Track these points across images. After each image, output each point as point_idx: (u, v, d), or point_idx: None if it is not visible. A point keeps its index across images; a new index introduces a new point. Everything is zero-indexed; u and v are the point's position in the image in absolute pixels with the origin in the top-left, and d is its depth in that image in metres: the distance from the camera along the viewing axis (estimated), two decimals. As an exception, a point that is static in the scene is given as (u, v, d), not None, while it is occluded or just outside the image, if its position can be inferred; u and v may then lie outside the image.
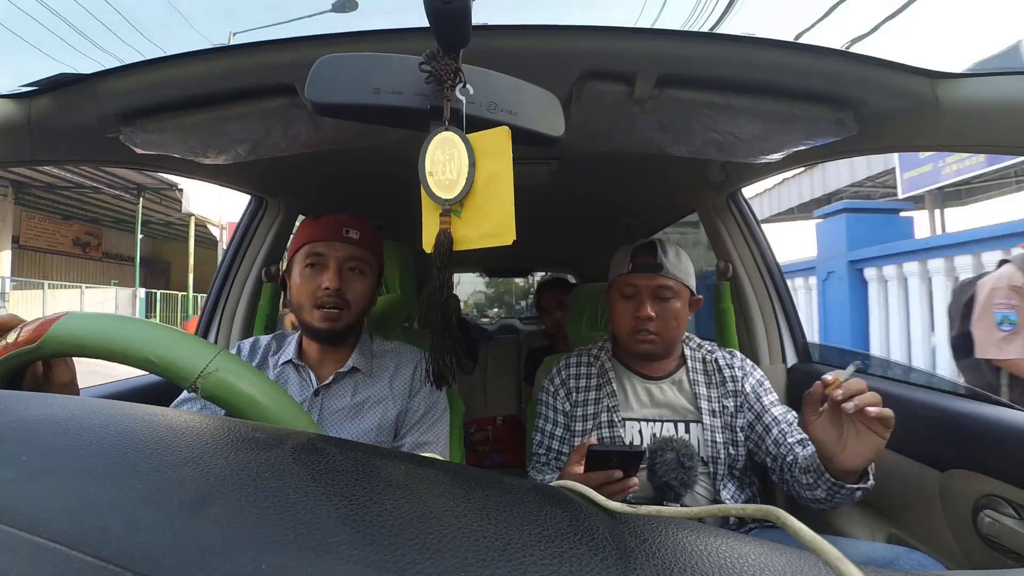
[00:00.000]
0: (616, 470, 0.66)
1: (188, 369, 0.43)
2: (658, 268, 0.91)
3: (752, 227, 1.28)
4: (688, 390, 0.94)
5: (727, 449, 0.89)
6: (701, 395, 0.92)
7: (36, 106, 0.66)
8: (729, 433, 0.90)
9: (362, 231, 0.85)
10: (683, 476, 0.79)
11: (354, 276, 0.84)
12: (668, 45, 0.61)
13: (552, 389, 1.01)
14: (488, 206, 0.39)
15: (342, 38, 0.58)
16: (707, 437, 0.88)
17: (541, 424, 1.00)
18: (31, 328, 0.44)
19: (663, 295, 0.92)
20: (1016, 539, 0.64)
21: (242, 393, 0.43)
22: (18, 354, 0.44)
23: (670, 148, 0.81)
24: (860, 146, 0.82)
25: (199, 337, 0.46)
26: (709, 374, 0.95)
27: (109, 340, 0.44)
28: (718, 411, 0.91)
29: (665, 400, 0.93)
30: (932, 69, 0.62)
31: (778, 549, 0.24)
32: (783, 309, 1.24)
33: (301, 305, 0.83)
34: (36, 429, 0.26)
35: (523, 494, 0.27)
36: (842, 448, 0.65)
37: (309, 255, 0.83)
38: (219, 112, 0.69)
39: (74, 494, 0.21)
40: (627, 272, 0.94)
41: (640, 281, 0.92)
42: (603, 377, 0.97)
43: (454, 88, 0.39)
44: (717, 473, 0.87)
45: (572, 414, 0.97)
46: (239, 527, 0.20)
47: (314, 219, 0.86)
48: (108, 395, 1.02)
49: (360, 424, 0.83)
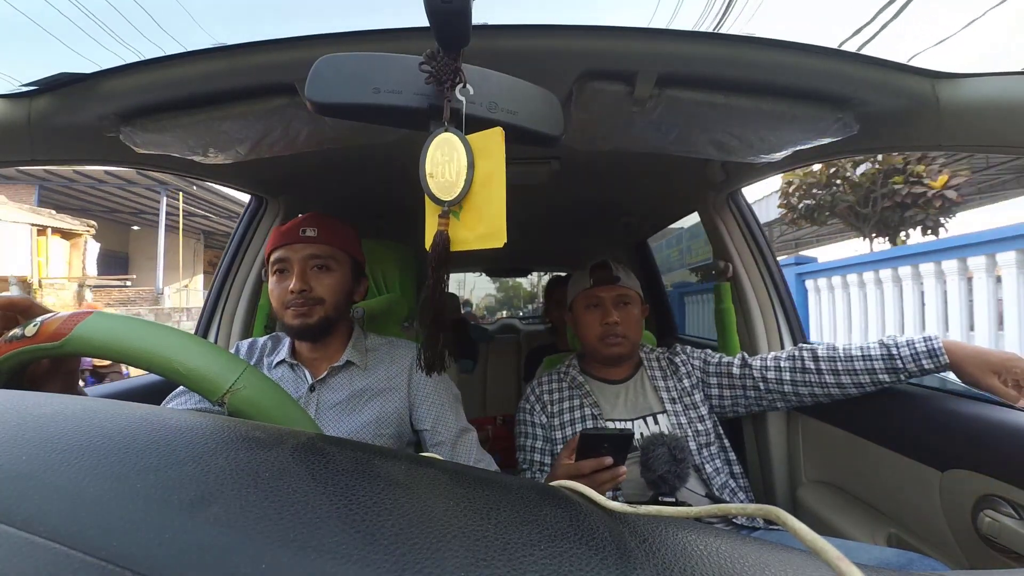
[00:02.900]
0: (607, 456, 0.71)
1: (217, 383, 0.42)
2: (616, 280, 1.06)
3: (752, 227, 1.28)
4: (649, 386, 1.05)
5: (694, 426, 1.00)
6: (660, 387, 1.04)
7: (36, 106, 0.66)
8: (693, 412, 1.01)
9: (321, 227, 0.85)
10: (676, 469, 0.83)
11: (320, 274, 0.84)
12: (668, 45, 0.61)
13: (528, 407, 1.10)
14: (484, 207, 0.39)
15: (342, 38, 0.58)
16: (673, 422, 0.99)
17: (522, 441, 1.08)
18: (55, 324, 0.43)
19: (624, 301, 1.06)
20: (1016, 539, 0.64)
21: (267, 413, 0.43)
22: (37, 349, 0.43)
23: (670, 148, 0.81)
24: (860, 146, 0.82)
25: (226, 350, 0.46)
26: (663, 369, 1.08)
27: (136, 345, 0.43)
28: (676, 397, 1.03)
29: (633, 399, 1.04)
30: (932, 69, 0.63)
31: (778, 549, 0.24)
32: (783, 309, 1.24)
33: (277, 310, 0.85)
34: (36, 428, 0.26)
35: (523, 494, 0.27)
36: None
37: (275, 262, 0.84)
38: (219, 112, 0.69)
39: (74, 493, 0.21)
40: (590, 287, 1.07)
41: (603, 292, 1.06)
42: (578, 388, 1.06)
43: (454, 88, 0.39)
44: (691, 449, 0.95)
45: (550, 424, 1.05)
46: (239, 527, 0.20)
47: (278, 227, 0.87)
48: (108, 395, 1.02)
49: (358, 417, 0.82)
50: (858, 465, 0.94)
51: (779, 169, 1.05)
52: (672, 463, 0.82)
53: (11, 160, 0.72)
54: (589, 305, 1.07)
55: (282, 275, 0.83)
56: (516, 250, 2.48)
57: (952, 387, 0.86)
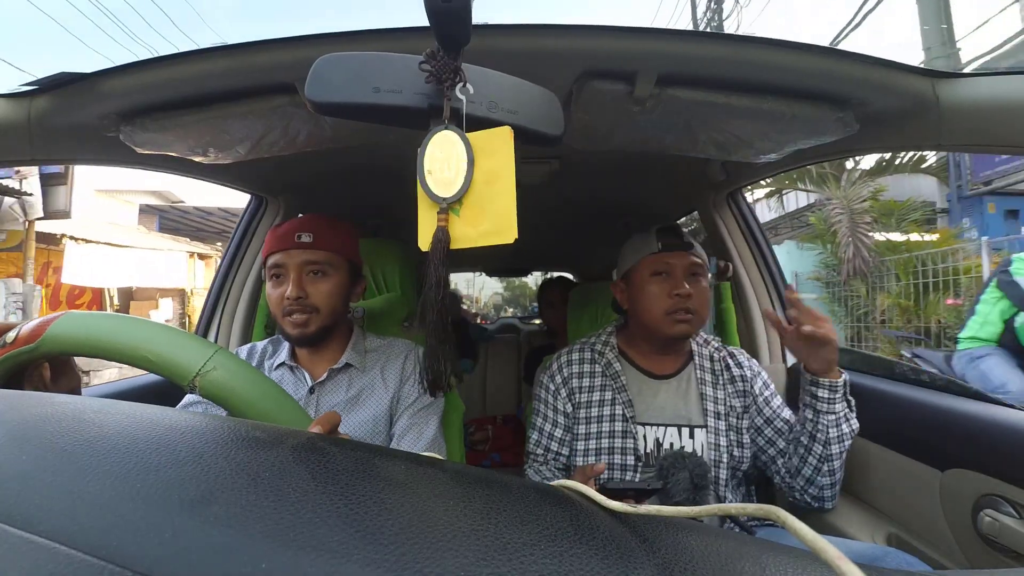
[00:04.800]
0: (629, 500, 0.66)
1: (186, 367, 0.42)
2: (689, 246, 0.90)
3: (752, 226, 1.28)
4: (695, 390, 0.91)
5: (730, 451, 0.87)
6: (707, 396, 0.90)
7: (36, 105, 0.66)
8: (734, 435, 0.88)
9: (317, 232, 0.83)
10: (695, 497, 0.77)
11: (316, 279, 0.83)
12: (668, 44, 0.60)
13: (552, 388, 0.96)
14: (488, 205, 0.39)
15: (342, 37, 0.58)
16: (711, 441, 0.86)
17: (540, 423, 0.96)
18: (30, 328, 0.44)
19: (696, 272, 0.90)
20: (1016, 539, 0.64)
21: (240, 392, 0.42)
22: (16, 354, 0.44)
23: (670, 147, 0.81)
24: (860, 145, 0.82)
25: (197, 336, 0.46)
26: (716, 373, 0.93)
27: (107, 339, 0.44)
28: (723, 413, 0.89)
29: (672, 402, 0.90)
30: (932, 68, 0.63)
31: (778, 549, 0.24)
32: (783, 308, 1.24)
33: (275, 315, 0.85)
34: (36, 428, 0.26)
35: (523, 493, 0.27)
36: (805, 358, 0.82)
37: (271, 267, 0.84)
38: (219, 111, 0.68)
39: (74, 493, 0.21)
40: (658, 251, 0.90)
41: (673, 259, 0.89)
42: (612, 379, 0.92)
43: (454, 87, 0.39)
44: (720, 477, 0.84)
45: (574, 415, 0.93)
46: (239, 526, 0.20)
47: (275, 229, 0.85)
48: (108, 395, 1.02)
49: (355, 416, 0.83)
50: (858, 464, 0.94)
51: (780, 168, 1.05)
52: (691, 490, 0.77)
53: (11, 160, 0.72)
54: (656, 272, 0.90)
55: (278, 280, 0.83)
56: (516, 250, 2.48)
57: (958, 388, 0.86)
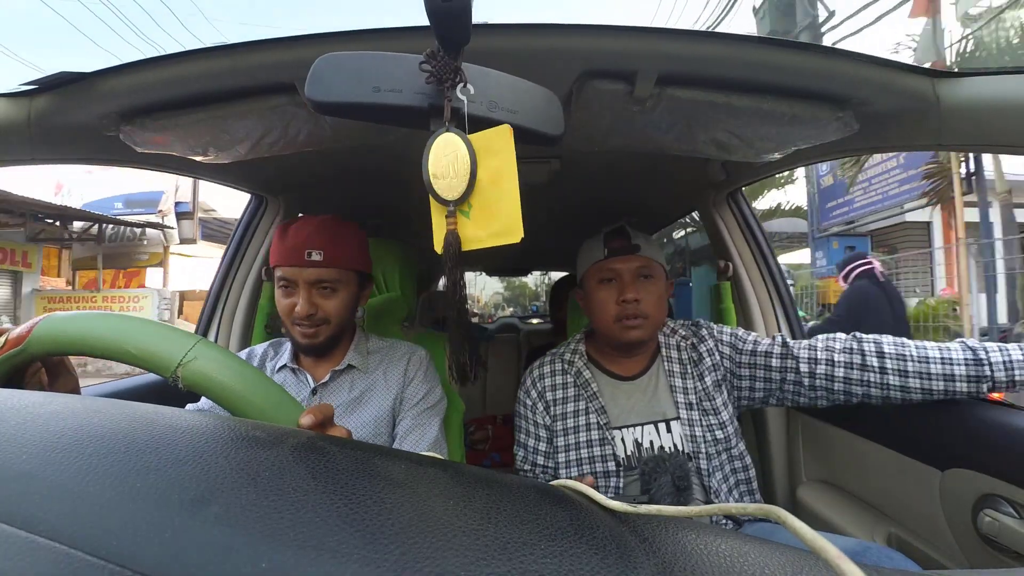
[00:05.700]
0: None
1: (167, 359, 0.42)
2: (635, 249, 0.89)
3: (752, 226, 1.27)
4: (664, 384, 0.91)
5: (711, 433, 0.87)
6: (677, 387, 0.90)
7: (36, 105, 0.66)
8: (712, 417, 0.88)
9: (327, 249, 0.81)
10: (680, 499, 0.78)
11: (326, 295, 0.83)
12: (668, 44, 0.60)
13: (529, 403, 0.97)
14: (495, 205, 0.39)
15: (342, 37, 0.58)
16: (687, 432, 0.87)
17: (523, 439, 0.97)
18: (17, 332, 0.45)
19: (645, 274, 0.89)
20: (1016, 539, 0.64)
21: (224, 380, 0.42)
22: (7, 357, 0.45)
23: (670, 147, 0.80)
24: (861, 145, 0.82)
25: (177, 328, 0.46)
26: (684, 362, 0.93)
27: (88, 336, 0.44)
28: (695, 402, 0.89)
29: (644, 401, 0.91)
30: (932, 68, 0.63)
31: (778, 548, 0.24)
32: (783, 308, 1.24)
33: (284, 321, 0.85)
34: (36, 428, 0.26)
35: (523, 493, 0.27)
36: None
37: (280, 278, 0.83)
38: (219, 111, 0.68)
39: (74, 493, 0.21)
40: (603, 258, 0.90)
41: (619, 264, 0.89)
42: (583, 387, 0.93)
43: (454, 87, 0.39)
44: (701, 466, 0.85)
45: (552, 427, 0.94)
46: (239, 526, 0.20)
47: (281, 236, 0.83)
48: (108, 394, 1.02)
49: (358, 417, 0.84)
50: (858, 464, 0.94)
51: (780, 168, 1.05)
52: (674, 493, 0.78)
53: (11, 159, 0.72)
54: (603, 279, 0.90)
55: (287, 291, 0.83)
56: (516, 250, 2.48)
57: None
